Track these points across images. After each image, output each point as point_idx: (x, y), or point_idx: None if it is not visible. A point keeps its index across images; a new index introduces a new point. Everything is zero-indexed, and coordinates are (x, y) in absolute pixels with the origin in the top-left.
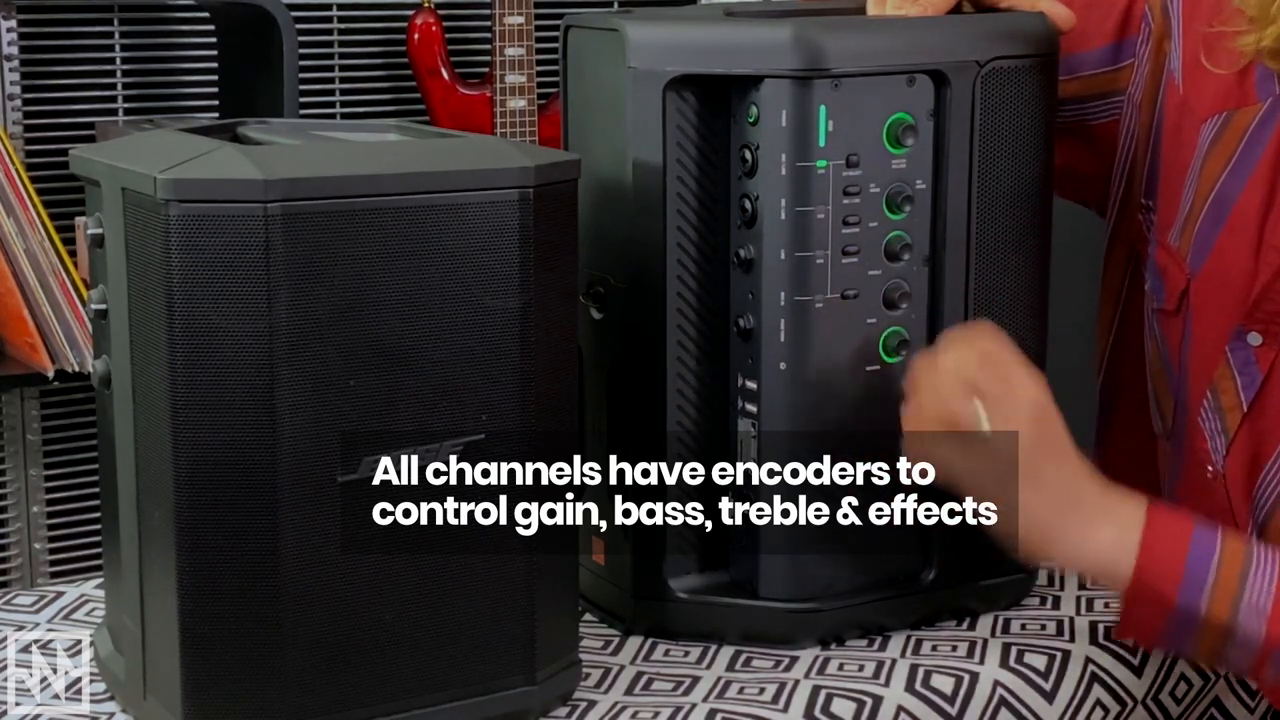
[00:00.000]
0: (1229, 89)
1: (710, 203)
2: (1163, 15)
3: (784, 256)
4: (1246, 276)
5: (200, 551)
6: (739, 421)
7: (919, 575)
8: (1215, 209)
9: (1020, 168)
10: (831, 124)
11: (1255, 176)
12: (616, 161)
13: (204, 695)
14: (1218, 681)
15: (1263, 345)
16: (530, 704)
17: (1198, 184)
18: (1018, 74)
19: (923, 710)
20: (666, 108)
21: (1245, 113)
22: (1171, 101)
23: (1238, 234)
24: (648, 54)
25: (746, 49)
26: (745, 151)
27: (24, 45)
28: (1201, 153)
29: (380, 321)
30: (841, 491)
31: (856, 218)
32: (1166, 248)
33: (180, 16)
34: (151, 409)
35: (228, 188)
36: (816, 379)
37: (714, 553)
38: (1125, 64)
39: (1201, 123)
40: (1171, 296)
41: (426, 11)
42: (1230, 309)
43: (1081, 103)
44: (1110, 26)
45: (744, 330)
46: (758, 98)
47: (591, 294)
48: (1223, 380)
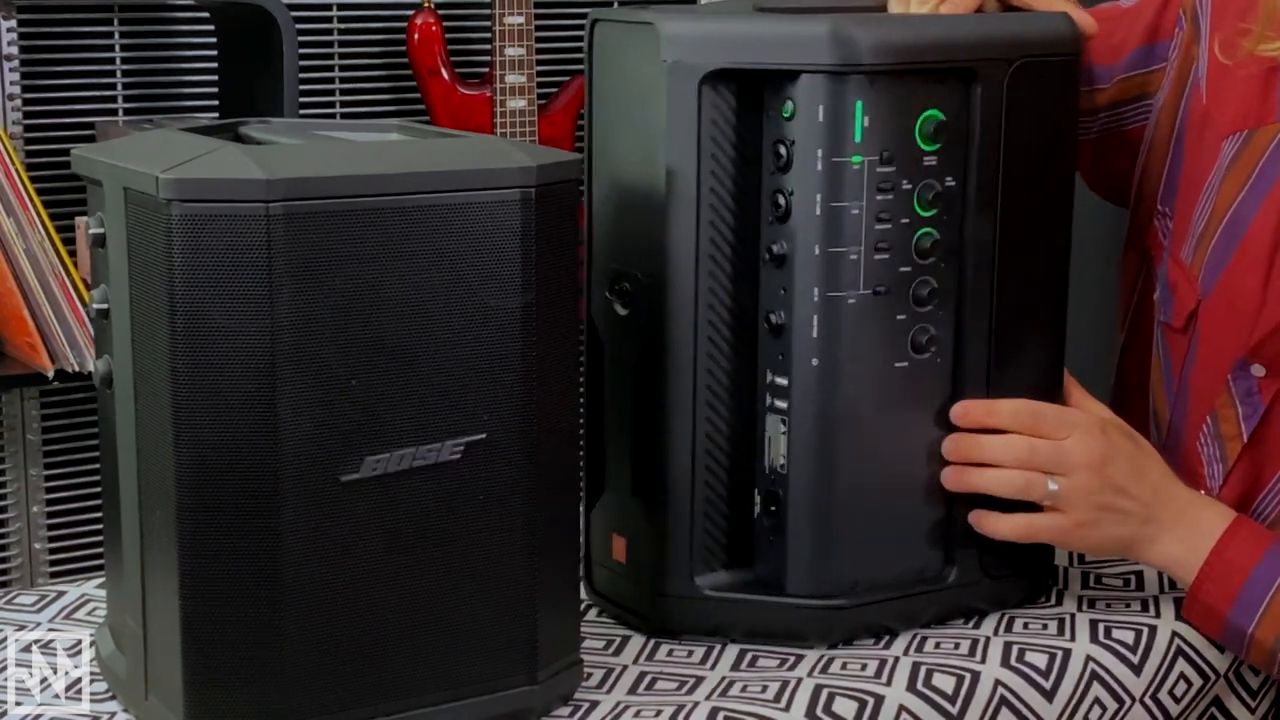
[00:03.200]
0: (1250, 105)
1: (741, 198)
2: (1193, 21)
3: (817, 252)
4: (1254, 305)
5: (202, 551)
6: (768, 418)
7: (941, 573)
8: (1229, 231)
9: (1046, 165)
10: (867, 120)
11: (1270, 200)
12: (647, 156)
13: (205, 694)
14: (1217, 681)
15: (1266, 377)
16: (531, 704)
17: (1215, 201)
18: (1045, 72)
19: (924, 710)
20: (701, 102)
21: (1265, 132)
22: (1195, 110)
23: (1249, 259)
24: (683, 48)
25: (783, 43)
26: (779, 146)
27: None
28: (1221, 170)
29: (382, 321)
30: (869, 489)
31: (889, 214)
32: (1179, 262)
33: (180, 16)
34: (153, 408)
35: (230, 187)
36: (847, 375)
37: (739, 550)
38: (1157, 67)
39: (1223, 138)
40: (1180, 315)
41: (426, 11)
42: (1236, 336)
43: (1116, 108)
44: (1141, 28)
45: (775, 326)
46: (794, 92)
47: (617, 290)
48: (1224, 408)
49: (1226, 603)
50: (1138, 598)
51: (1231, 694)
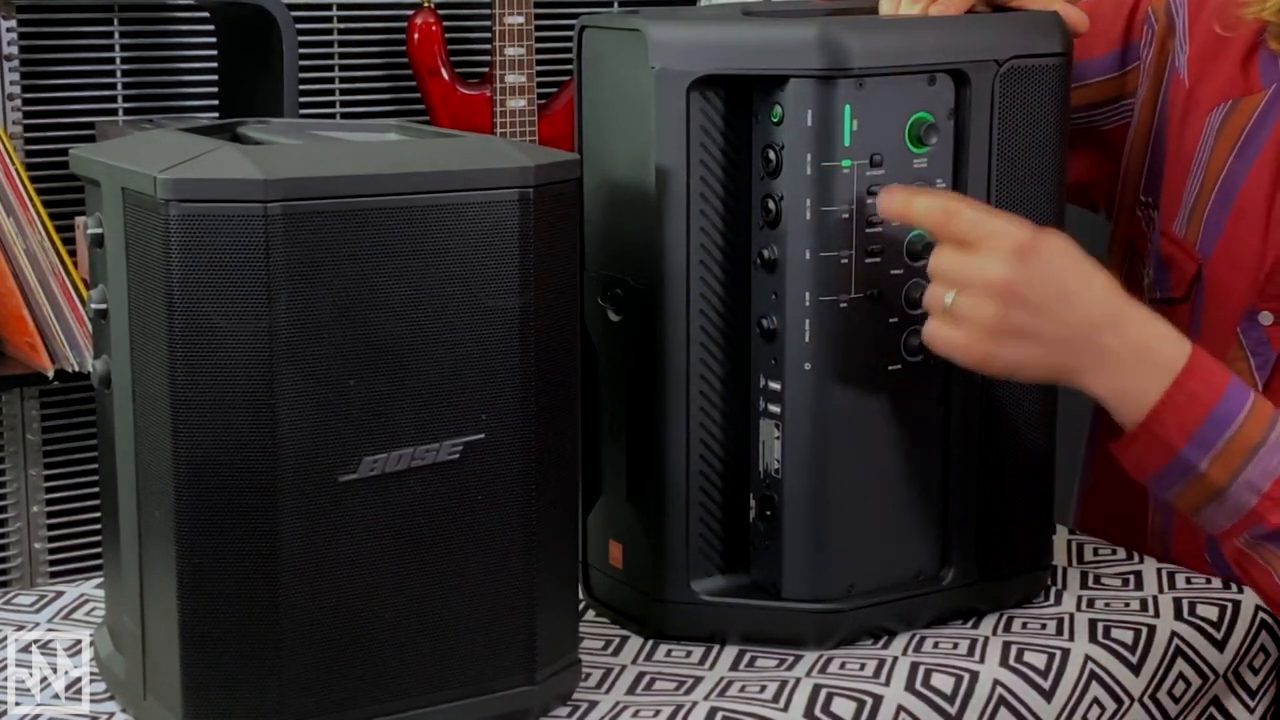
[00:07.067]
0: (1234, 79)
1: (731, 203)
2: (1166, 15)
3: (808, 257)
4: (1256, 258)
5: (200, 551)
6: (761, 422)
7: (938, 575)
8: (1223, 193)
9: (1037, 165)
10: (856, 123)
11: (1261, 160)
12: (637, 162)
13: (204, 695)
14: (1216, 681)
15: (1274, 324)
16: (530, 704)
17: (1205, 170)
18: (1035, 73)
19: (923, 710)
20: (690, 108)
21: (1250, 100)
22: (1176, 96)
23: (1246, 216)
24: (671, 54)
25: (771, 48)
26: (769, 151)
27: (24, 45)
28: (1209, 140)
29: (380, 321)
30: (864, 492)
31: (879, 217)
32: (1171, 238)
33: (180, 16)
34: (151, 409)
35: (228, 187)
36: (840, 379)
37: (735, 554)
38: (1131, 68)
39: (1208, 113)
40: (1180, 285)
41: (426, 11)
42: (1241, 291)
43: (1091, 110)
44: (1116, 32)
45: (767, 331)
46: (782, 97)
47: (609, 296)
48: (1236, 361)
49: (1183, 437)
50: (1137, 597)
51: (1231, 694)
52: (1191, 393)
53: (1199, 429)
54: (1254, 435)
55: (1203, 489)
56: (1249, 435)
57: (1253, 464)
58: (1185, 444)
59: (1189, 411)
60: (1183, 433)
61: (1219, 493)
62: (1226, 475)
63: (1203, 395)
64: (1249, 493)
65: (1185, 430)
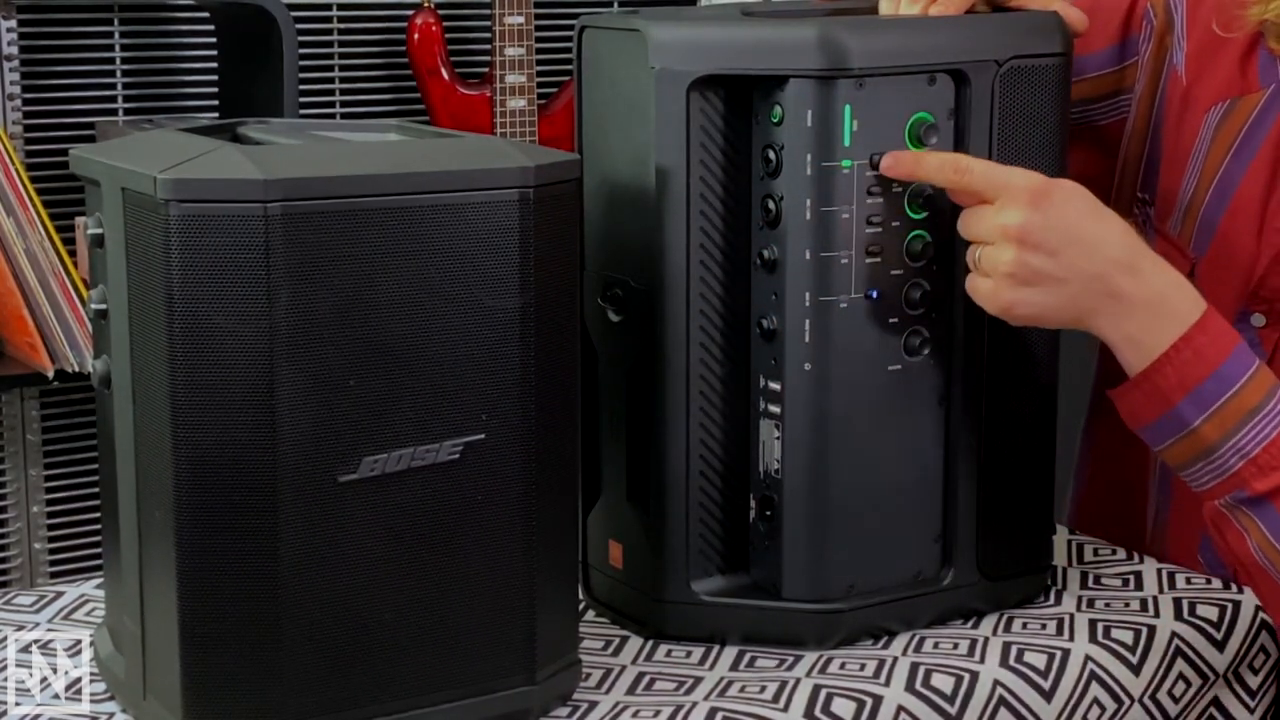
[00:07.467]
0: (1232, 78)
1: (731, 203)
2: (1165, 12)
3: (808, 257)
4: (1249, 259)
5: (200, 551)
6: (761, 423)
7: (939, 575)
8: (1219, 193)
9: (1037, 165)
10: (856, 123)
11: (1257, 161)
12: (637, 163)
13: (204, 695)
14: (1216, 681)
15: (1266, 326)
16: (530, 704)
17: (1202, 169)
18: (1035, 73)
19: (922, 710)
20: (690, 108)
21: (1249, 100)
22: (1174, 94)
23: (1240, 217)
24: (671, 54)
25: (771, 49)
26: (769, 151)
27: (24, 45)
28: (1206, 139)
29: (380, 321)
30: (864, 492)
31: (880, 217)
32: (1166, 236)
33: (180, 16)
34: (151, 409)
35: (228, 187)
36: (840, 379)
37: (735, 554)
38: (1129, 63)
39: (1205, 111)
40: None
41: (426, 11)
42: (1234, 292)
43: (1088, 104)
44: (1114, 27)
45: (767, 331)
46: (782, 97)
47: (609, 296)
48: None
49: (1181, 391)
50: (1137, 597)
51: (1230, 694)
52: (1198, 348)
53: (1199, 385)
54: (1252, 400)
55: (1193, 445)
56: (1247, 399)
57: (1246, 428)
58: (1182, 399)
59: (1192, 368)
60: (1182, 388)
61: (1208, 451)
62: (1218, 435)
63: (1208, 354)
64: (1237, 456)
65: (1185, 385)
